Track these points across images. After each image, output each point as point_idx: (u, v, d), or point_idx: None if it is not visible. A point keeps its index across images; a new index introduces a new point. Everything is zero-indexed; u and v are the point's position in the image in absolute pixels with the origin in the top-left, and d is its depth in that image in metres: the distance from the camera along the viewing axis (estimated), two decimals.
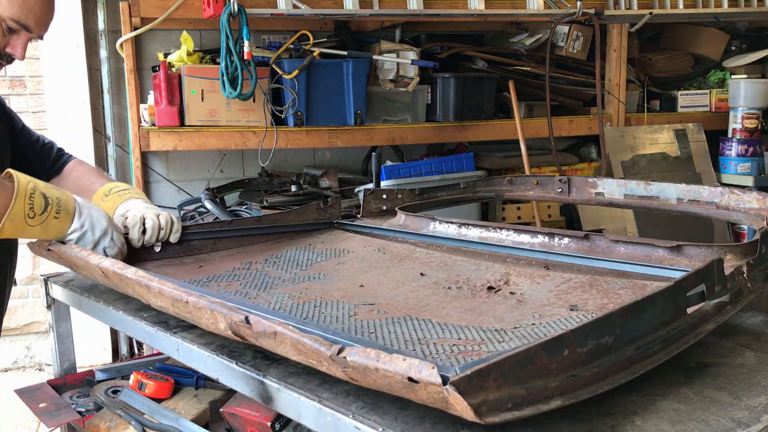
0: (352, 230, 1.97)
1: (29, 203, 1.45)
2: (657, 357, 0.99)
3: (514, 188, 2.19)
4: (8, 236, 1.47)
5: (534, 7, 3.38)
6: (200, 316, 1.11)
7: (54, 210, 1.48)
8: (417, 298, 1.36)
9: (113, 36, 3.46)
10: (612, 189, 2.01)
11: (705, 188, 1.85)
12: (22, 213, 1.44)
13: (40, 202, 1.46)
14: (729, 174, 3.89)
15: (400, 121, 3.42)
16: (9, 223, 1.43)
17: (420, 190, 2.16)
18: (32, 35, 1.66)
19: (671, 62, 4.11)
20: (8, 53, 1.65)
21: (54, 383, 1.68)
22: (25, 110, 3.96)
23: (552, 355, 0.86)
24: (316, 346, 0.90)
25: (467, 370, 0.77)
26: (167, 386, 1.53)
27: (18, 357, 4.13)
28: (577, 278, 1.41)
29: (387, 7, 3.21)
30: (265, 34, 3.55)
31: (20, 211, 1.44)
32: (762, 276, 1.31)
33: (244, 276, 1.55)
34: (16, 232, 1.46)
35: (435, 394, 0.78)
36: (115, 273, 1.29)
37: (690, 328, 1.06)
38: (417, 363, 0.79)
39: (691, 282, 1.09)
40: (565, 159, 3.81)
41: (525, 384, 0.82)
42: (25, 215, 1.44)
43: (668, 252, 1.46)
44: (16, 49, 1.65)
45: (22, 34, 1.64)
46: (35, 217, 1.46)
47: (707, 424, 0.93)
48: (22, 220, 1.44)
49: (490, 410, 0.79)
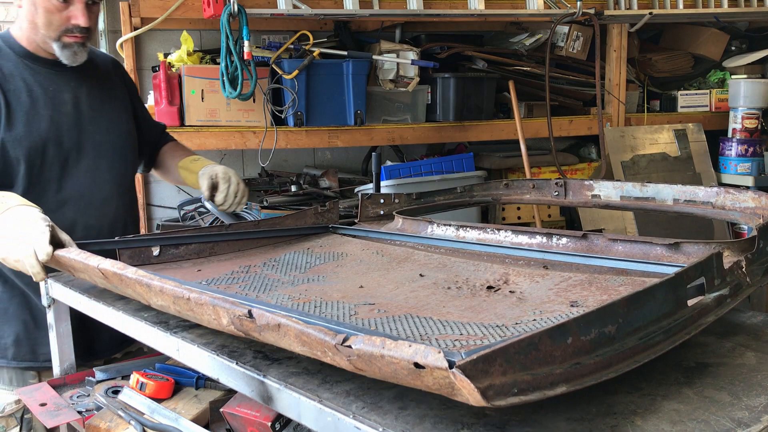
0: (350, 234, 1.98)
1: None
2: (660, 347, 0.99)
3: (511, 192, 2.20)
4: None
5: (534, 7, 3.38)
6: (202, 313, 1.11)
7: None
8: (417, 298, 1.36)
9: (113, 36, 3.46)
10: (608, 191, 2.02)
11: (701, 189, 1.86)
12: None
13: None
14: (729, 174, 3.90)
15: (400, 121, 3.42)
16: None
17: (417, 194, 2.18)
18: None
19: (671, 62, 4.11)
20: (74, 25, 1.82)
21: (54, 383, 1.68)
22: None
23: (556, 343, 0.86)
24: (321, 335, 0.90)
25: (473, 355, 0.78)
26: (167, 386, 1.53)
27: None
28: (576, 276, 1.41)
29: (387, 7, 3.21)
30: (265, 34, 3.55)
31: None
32: (761, 270, 1.32)
33: (243, 279, 1.55)
34: None
35: (441, 379, 0.79)
36: (114, 273, 1.30)
37: (691, 320, 1.07)
38: (423, 348, 0.80)
39: (690, 275, 1.10)
40: (565, 159, 3.81)
41: (530, 370, 0.83)
42: None
43: (666, 249, 1.46)
44: (77, 18, 1.80)
45: (75, 3, 1.80)
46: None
47: (707, 424, 0.94)
48: None
49: (497, 394, 0.79)
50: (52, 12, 1.80)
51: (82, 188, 1.95)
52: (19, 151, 1.85)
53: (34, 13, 1.82)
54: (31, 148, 1.86)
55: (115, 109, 2.06)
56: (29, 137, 1.86)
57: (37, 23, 1.83)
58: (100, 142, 1.98)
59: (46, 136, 1.88)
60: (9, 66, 1.88)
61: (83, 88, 1.98)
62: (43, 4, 1.79)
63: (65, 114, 1.93)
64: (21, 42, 1.90)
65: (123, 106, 2.10)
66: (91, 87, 2.00)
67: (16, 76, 1.88)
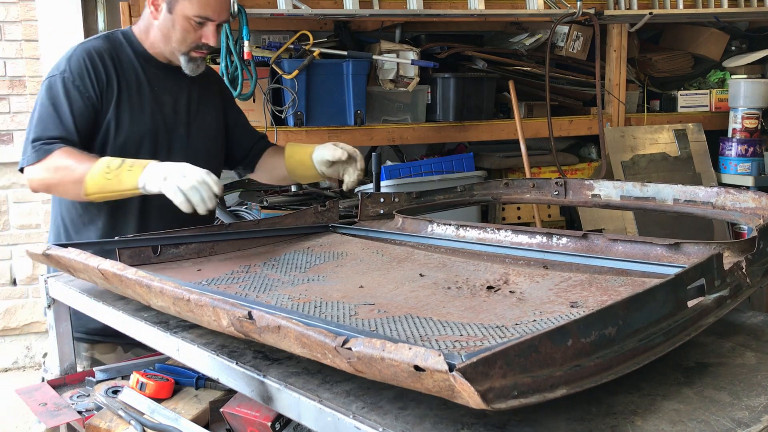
0: (350, 234, 1.98)
1: (107, 164, 1.82)
2: (660, 348, 0.99)
3: (511, 191, 2.21)
4: (94, 193, 1.82)
5: (534, 7, 3.38)
6: (202, 314, 1.11)
7: (127, 166, 1.80)
8: (417, 298, 1.36)
9: None
10: (608, 191, 2.02)
11: (701, 189, 1.86)
12: (100, 172, 1.80)
13: (117, 163, 1.82)
14: (729, 174, 3.89)
15: (400, 121, 3.42)
16: (89, 178, 1.80)
17: (417, 193, 2.18)
18: (216, 22, 2.01)
19: (671, 62, 4.11)
20: (204, 43, 2.02)
21: (54, 383, 1.68)
22: (25, 110, 3.96)
23: (556, 345, 0.86)
24: (321, 338, 0.90)
25: (473, 358, 0.78)
26: (167, 386, 1.53)
27: (18, 357, 4.14)
28: (576, 277, 1.41)
29: (387, 7, 3.21)
30: (265, 34, 3.54)
31: (98, 170, 1.81)
32: (761, 271, 1.32)
33: (243, 279, 1.55)
34: (98, 186, 1.81)
35: (441, 382, 0.79)
36: (114, 274, 1.30)
37: (691, 321, 1.07)
38: (423, 351, 0.80)
39: (690, 276, 1.10)
40: (565, 159, 3.81)
41: (530, 372, 0.83)
42: (102, 172, 1.80)
43: (666, 250, 1.46)
44: (208, 39, 2.01)
45: (209, 25, 2.00)
46: (110, 171, 1.80)
47: (707, 424, 0.94)
48: (101, 176, 1.80)
49: (497, 397, 0.79)
50: (188, 31, 1.99)
51: None
52: (119, 139, 1.99)
53: (171, 29, 2.01)
54: (129, 139, 2.01)
55: (207, 117, 2.19)
56: (131, 127, 2.01)
57: (171, 38, 2.01)
58: (188, 147, 2.12)
59: (145, 130, 2.03)
60: (126, 59, 2.05)
61: (183, 93, 2.13)
62: (182, 24, 1.98)
63: (164, 114, 2.08)
64: (143, 43, 2.08)
65: (215, 115, 2.23)
66: (190, 93, 2.15)
67: (131, 70, 2.05)
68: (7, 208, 3.97)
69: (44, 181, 1.90)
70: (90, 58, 1.99)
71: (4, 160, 3.98)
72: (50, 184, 1.91)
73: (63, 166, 1.85)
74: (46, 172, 1.87)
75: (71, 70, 1.97)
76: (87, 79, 1.97)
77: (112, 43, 2.06)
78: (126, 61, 2.05)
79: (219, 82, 2.36)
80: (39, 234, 3.95)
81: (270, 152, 2.36)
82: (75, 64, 1.98)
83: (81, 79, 1.96)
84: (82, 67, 1.97)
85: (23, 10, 3.90)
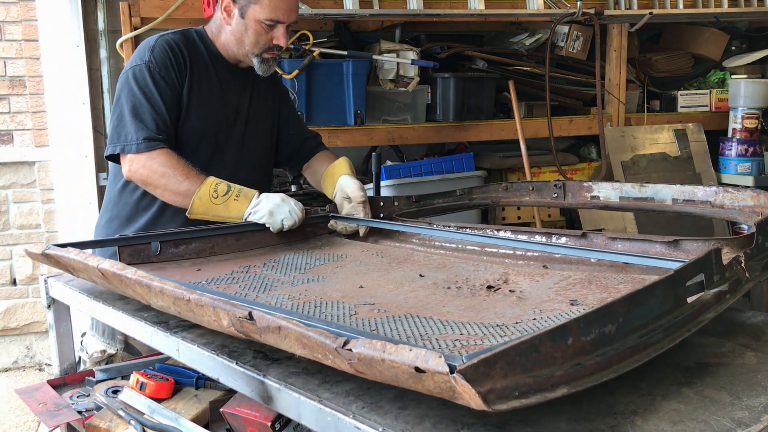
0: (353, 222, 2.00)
1: (213, 188, 1.90)
2: (660, 345, 0.99)
3: (510, 195, 2.21)
4: (199, 213, 1.90)
5: (534, 7, 3.38)
6: (202, 314, 1.11)
7: (234, 194, 1.90)
8: (417, 298, 1.36)
9: (113, 36, 3.46)
10: (607, 192, 2.02)
11: (699, 188, 1.86)
12: (207, 194, 1.89)
13: (224, 188, 1.91)
14: (729, 174, 3.90)
15: (400, 121, 3.42)
16: (197, 200, 1.89)
17: (417, 197, 2.19)
18: (286, 23, 2.08)
19: (671, 62, 4.11)
20: (275, 44, 2.10)
21: (54, 383, 1.68)
22: (25, 110, 3.96)
23: (556, 344, 0.86)
24: (321, 339, 0.90)
25: (474, 359, 0.77)
26: (167, 386, 1.53)
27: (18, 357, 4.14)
28: (576, 275, 1.41)
29: (387, 7, 3.21)
30: None
31: (206, 192, 1.89)
32: (760, 266, 1.32)
33: (243, 279, 1.55)
34: (204, 208, 1.90)
35: (442, 383, 0.78)
36: (114, 274, 1.29)
37: (690, 317, 1.07)
38: (424, 353, 0.80)
39: (689, 272, 1.10)
40: (565, 159, 3.81)
41: (531, 372, 0.83)
42: (210, 196, 1.89)
43: (665, 247, 1.46)
44: (279, 40, 2.09)
45: (279, 27, 2.08)
46: (218, 197, 1.90)
47: (707, 424, 0.93)
48: (207, 199, 1.89)
49: (498, 398, 0.79)
50: (261, 34, 2.08)
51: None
52: (183, 130, 2.07)
53: (244, 33, 2.09)
54: (193, 131, 2.09)
55: (264, 119, 2.28)
56: (198, 121, 2.09)
57: (245, 41, 2.10)
58: (242, 146, 2.20)
59: (209, 125, 2.12)
60: (199, 55, 2.14)
61: (246, 93, 2.22)
62: (254, 27, 2.07)
63: (227, 112, 2.17)
64: (216, 44, 2.16)
65: (270, 116, 2.31)
66: (251, 94, 2.24)
67: (203, 66, 2.14)
68: (7, 208, 3.97)
69: (146, 179, 1.97)
70: (171, 49, 2.07)
71: (4, 160, 3.97)
72: (151, 184, 1.98)
73: (169, 173, 1.94)
74: (151, 173, 1.95)
75: (155, 59, 2.04)
76: (170, 67, 2.05)
77: (188, 39, 2.14)
78: (199, 56, 2.13)
79: (279, 85, 2.43)
80: (39, 234, 3.95)
81: (319, 157, 2.37)
82: (158, 54, 2.05)
83: (165, 69, 2.04)
84: (165, 57, 2.05)
85: (23, 10, 3.90)
